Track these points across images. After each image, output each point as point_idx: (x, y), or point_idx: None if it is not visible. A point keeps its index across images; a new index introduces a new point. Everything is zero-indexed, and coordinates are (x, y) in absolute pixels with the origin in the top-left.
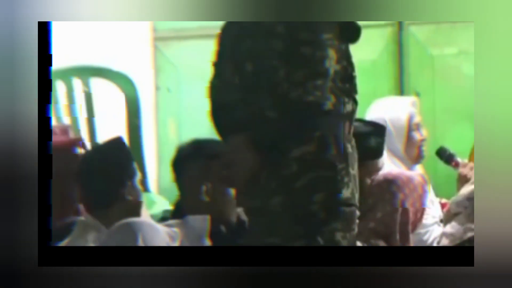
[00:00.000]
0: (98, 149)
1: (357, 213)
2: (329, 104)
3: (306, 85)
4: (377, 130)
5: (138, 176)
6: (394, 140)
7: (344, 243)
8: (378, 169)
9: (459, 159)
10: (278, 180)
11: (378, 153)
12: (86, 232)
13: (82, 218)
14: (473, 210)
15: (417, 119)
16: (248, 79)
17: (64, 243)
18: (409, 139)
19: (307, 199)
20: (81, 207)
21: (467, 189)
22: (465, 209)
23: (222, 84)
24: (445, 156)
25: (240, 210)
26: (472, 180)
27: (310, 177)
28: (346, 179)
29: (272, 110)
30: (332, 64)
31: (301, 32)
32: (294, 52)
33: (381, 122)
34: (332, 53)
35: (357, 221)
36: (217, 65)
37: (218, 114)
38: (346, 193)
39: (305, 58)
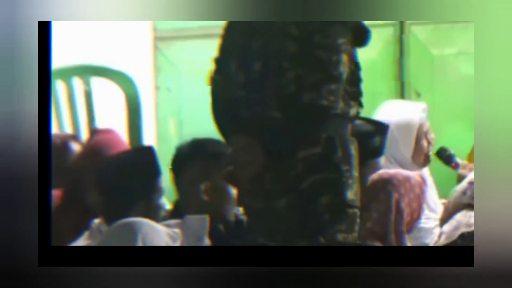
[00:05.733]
0: (125, 155)
1: (358, 214)
2: (338, 108)
3: (321, 90)
4: (380, 129)
5: (162, 193)
6: (400, 147)
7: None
8: (377, 168)
9: (458, 160)
10: (283, 181)
11: (379, 152)
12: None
13: (96, 221)
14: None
15: (427, 126)
16: (253, 78)
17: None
18: (417, 146)
19: (312, 201)
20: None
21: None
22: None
23: (224, 81)
24: (444, 156)
25: (238, 209)
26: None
27: (315, 178)
28: (350, 181)
29: (277, 110)
30: (345, 68)
31: (316, 35)
32: (308, 55)
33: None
34: (345, 58)
35: (358, 221)
36: (220, 60)
37: (219, 111)
38: (350, 194)
39: (320, 62)
